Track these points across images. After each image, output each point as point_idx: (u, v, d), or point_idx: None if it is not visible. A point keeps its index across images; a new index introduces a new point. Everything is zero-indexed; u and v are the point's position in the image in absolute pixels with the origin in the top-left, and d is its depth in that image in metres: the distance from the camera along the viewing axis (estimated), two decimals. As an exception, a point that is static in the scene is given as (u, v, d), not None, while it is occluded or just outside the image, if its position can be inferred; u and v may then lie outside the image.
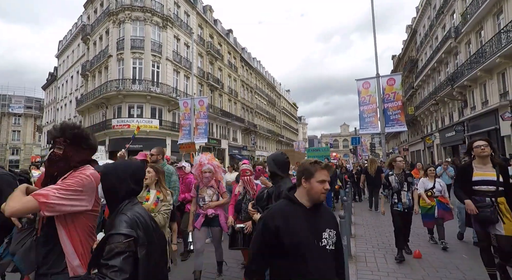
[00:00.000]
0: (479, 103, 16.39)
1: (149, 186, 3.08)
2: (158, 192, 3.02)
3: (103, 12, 23.91)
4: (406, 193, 4.57)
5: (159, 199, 2.96)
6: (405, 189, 4.59)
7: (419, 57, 29.03)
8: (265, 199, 2.75)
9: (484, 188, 3.20)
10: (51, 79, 38.31)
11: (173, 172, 4.45)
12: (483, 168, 3.29)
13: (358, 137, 24.37)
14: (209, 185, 3.77)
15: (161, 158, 4.48)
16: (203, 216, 3.68)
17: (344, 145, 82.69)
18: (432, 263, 4.41)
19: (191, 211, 3.91)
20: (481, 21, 15.70)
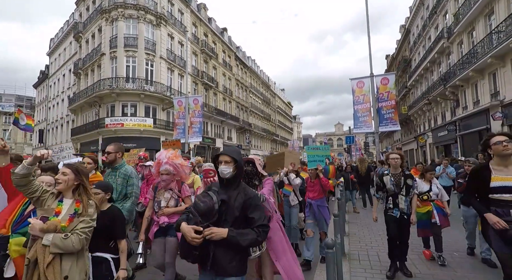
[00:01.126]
0: (471, 103, 16.63)
1: (63, 193, 2.13)
2: (78, 203, 2.10)
3: (95, 9, 23.57)
4: (404, 198, 3.79)
5: (77, 212, 2.05)
6: (403, 192, 3.80)
7: (412, 57, 29.32)
8: (216, 212, 1.81)
9: (507, 197, 2.46)
10: (42, 78, 37.63)
11: (131, 174, 3.61)
12: (504, 170, 2.54)
13: (352, 137, 24.50)
14: (168, 188, 3.22)
15: (120, 157, 3.72)
16: (156, 224, 3.14)
17: (338, 144, 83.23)
18: (423, 260, 4.45)
19: (145, 216, 3.32)
20: (473, 21, 15.91)
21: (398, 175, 3.90)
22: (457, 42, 18.26)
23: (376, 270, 4.12)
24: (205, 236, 1.71)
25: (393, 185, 3.84)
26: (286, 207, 4.77)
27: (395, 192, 3.82)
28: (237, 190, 1.96)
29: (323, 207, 4.61)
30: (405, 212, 3.78)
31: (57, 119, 30.83)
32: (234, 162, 1.98)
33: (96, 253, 2.30)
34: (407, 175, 3.90)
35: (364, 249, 5.11)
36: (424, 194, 4.51)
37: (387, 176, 3.92)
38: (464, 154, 17.05)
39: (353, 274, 3.99)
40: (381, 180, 3.97)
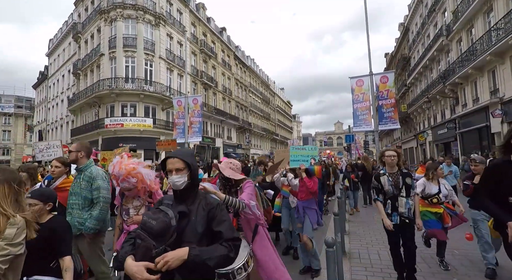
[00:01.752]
0: (470, 100, 16.63)
1: None
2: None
3: (94, 10, 23.52)
4: (405, 200, 3.36)
5: None
6: (403, 194, 3.37)
7: (411, 55, 29.30)
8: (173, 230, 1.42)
9: None
10: (42, 78, 37.61)
11: (96, 176, 3.05)
12: None
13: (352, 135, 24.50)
14: (136, 195, 2.87)
15: (83, 156, 3.14)
16: (125, 233, 2.78)
17: (338, 143, 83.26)
18: (424, 258, 4.46)
19: (116, 224, 3.00)
20: (471, 19, 15.89)
21: (395, 174, 3.47)
22: (456, 39, 18.24)
23: (377, 269, 4.13)
24: (160, 268, 1.28)
25: (391, 186, 3.40)
26: (286, 209, 4.62)
27: (394, 193, 3.40)
28: (197, 201, 1.60)
29: (310, 210, 4.16)
30: (406, 216, 3.34)
31: (56, 120, 30.82)
32: (188, 168, 1.60)
33: (33, 277, 1.91)
34: (405, 173, 3.50)
35: (364, 247, 5.12)
36: (434, 197, 4.02)
37: (384, 176, 3.48)
38: (464, 151, 17.07)
39: (353, 273, 4.01)
40: (378, 181, 3.54)
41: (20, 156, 39.12)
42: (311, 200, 4.19)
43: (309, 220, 4.06)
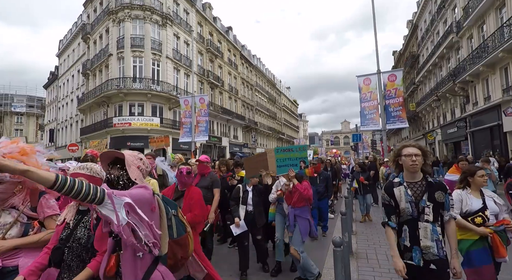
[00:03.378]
0: (482, 98, 16.28)
1: None
2: None
3: (102, 11, 23.84)
4: (431, 227, 2.05)
5: None
6: (428, 216, 2.06)
7: (420, 53, 28.81)
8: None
9: None
10: (52, 78, 38.35)
11: None
12: None
13: (359, 134, 24.31)
14: (7, 205, 1.79)
15: None
16: None
17: (345, 142, 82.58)
18: None
19: None
20: (483, 15, 15.53)
21: (418, 185, 2.12)
22: (467, 36, 17.86)
23: (385, 269, 4.09)
24: None
25: (410, 203, 2.09)
26: (280, 216, 4.09)
27: (414, 215, 2.08)
28: None
29: (301, 219, 3.68)
30: (433, 256, 2.01)
31: (66, 119, 31.40)
32: None
33: None
34: (434, 184, 2.09)
35: (372, 248, 5.08)
36: (476, 215, 2.63)
37: (400, 188, 2.16)
38: (474, 151, 16.73)
39: (361, 273, 3.98)
40: (390, 194, 2.19)
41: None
42: (304, 207, 3.72)
43: (299, 231, 3.62)
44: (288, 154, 3.98)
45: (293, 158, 3.94)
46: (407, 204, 2.11)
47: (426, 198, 2.08)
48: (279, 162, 4.01)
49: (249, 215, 4.06)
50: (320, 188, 5.94)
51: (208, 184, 4.15)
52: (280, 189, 3.99)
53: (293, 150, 3.98)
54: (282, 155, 4.02)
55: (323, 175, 6.12)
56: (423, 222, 2.07)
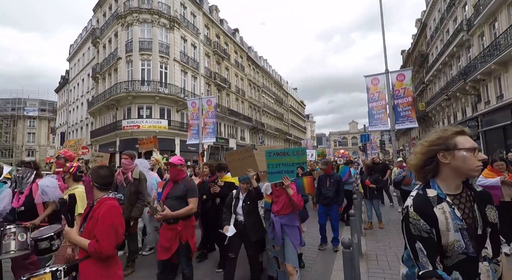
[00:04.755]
0: (494, 97, 15.91)
1: None
2: None
3: (111, 15, 24.31)
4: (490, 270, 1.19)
5: None
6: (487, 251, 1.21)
7: (429, 52, 28.36)
8: None
9: None
10: (63, 82, 39.25)
11: None
12: None
13: (368, 135, 24.01)
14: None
15: None
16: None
17: (353, 143, 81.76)
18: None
19: None
20: (495, 12, 15.20)
21: (464, 198, 1.28)
22: (478, 34, 17.50)
23: (395, 271, 4.03)
24: None
25: (462, 231, 1.19)
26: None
27: (470, 253, 1.18)
28: None
29: (291, 228, 3.18)
30: None
31: (77, 122, 32.05)
32: None
33: None
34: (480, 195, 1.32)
35: (382, 249, 5.01)
36: None
37: (443, 205, 1.22)
38: (487, 151, 16.34)
39: (371, 275, 3.93)
40: (429, 219, 1.20)
41: (43, 157, 40.91)
42: (291, 215, 3.22)
43: (292, 244, 3.10)
44: (283, 158, 3.25)
45: (288, 163, 3.23)
46: (457, 233, 1.18)
47: (480, 219, 1.24)
48: (270, 167, 3.27)
49: (240, 226, 3.37)
50: (329, 192, 5.14)
51: (182, 193, 3.27)
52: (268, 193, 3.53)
53: (289, 154, 3.26)
54: (275, 159, 3.26)
55: (333, 177, 5.26)
56: (484, 261, 1.21)
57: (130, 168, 4.06)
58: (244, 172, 3.64)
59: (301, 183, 3.29)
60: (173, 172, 3.38)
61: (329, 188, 5.18)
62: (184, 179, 3.41)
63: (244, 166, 3.71)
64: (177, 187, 3.34)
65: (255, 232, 3.36)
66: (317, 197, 5.40)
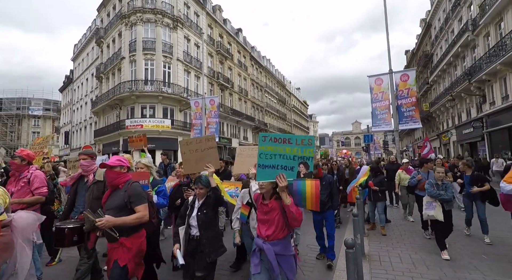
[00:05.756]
0: (499, 98, 15.75)
1: None
2: None
3: (115, 15, 24.44)
4: None
5: None
6: None
7: (434, 52, 28.15)
8: None
9: None
10: (67, 82, 39.54)
11: None
12: None
13: (371, 135, 23.92)
14: None
15: None
16: None
17: (356, 143, 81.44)
18: (449, 263, 4.28)
19: None
20: (501, 12, 15.05)
21: None
22: (483, 34, 17.33)
23: (399, 272, 4.00)
24: None
25: None
26: (249, 240, 3.21)
27: None
28: None
29: (287, 258, 2.33)
30: None
31: (81, 122, 32.28)
32: None
33: None
34: None
35: (385, 250, 4.98)
36: None
37: None
38: (492, 152, 16.19)
39: (373, 275, 3.90)
40: None
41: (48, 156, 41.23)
42: (286, 237, 2.34)
43: (286, 276, 2.32)
44: (281, 147, 2.37)
45: (289, 156, 2.35)
46: None
47: None
48: (263, 158, 2.38)
49: (193, 242, 2.69)
50: (322, 197, 4.41)
51: (122, 201, 2.54)
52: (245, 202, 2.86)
53: (291, 142, 2.38)
54: (271, 147, 2.37)
55: (325, 180, 4.62)
56: None
57: (91, 169, 3.45)
58: (201, 168, 2.94)
59: (302, 188, 2.36)
60: (109, 175, 2.62)
61: (322, 192, 4.40)
62: (126, 182, 2.67)
63: (202, 159, 2.93)
64: (116, 194, 2.59)
65: (213, 250, 2.66)
66: None
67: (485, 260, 4.34)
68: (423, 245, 5.18)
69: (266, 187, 2.36)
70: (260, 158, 2.41)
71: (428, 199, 4.75)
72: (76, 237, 2.72)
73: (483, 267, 4.09)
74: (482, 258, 4.42)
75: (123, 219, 2.43)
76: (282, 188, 2.19)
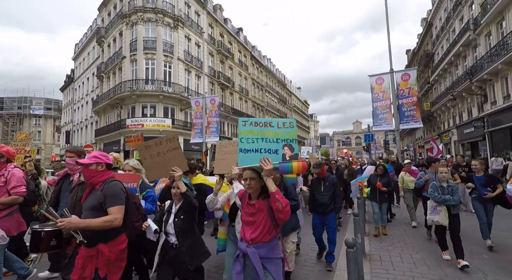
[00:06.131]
0: (500, 97, 15.71)
1: None
2: None
3: (116, 14, 24.45)
4: None
5: None
6: None
7: (435, 51, 28.09)
8: None
9: None
10: (68, 81, 39.59)
11: None
12: None
13: (372, 135, 23.87)
14: None
15: None
16: None
17: (356, 142, 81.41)
18: (450, 262, 4.28)
19: None
20: (502, 11, 15.01)
21: None
22: (485, 33, 17.28)
23: (399, 272, 4.00)
24: None
25: None
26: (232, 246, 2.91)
27: None
28: None
29: (273, 262, 2.11)
30: None
31: (82, 121, 32.33)
32: None
33: None
34: None
35: (385, 249, 4.97)
36: None
37: None
38: (493, 151, 16.16)
39: (374, 275, 3.90)
40: None
41: (49, 155, 41.38)
42: (273, 240, 2.11)
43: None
44: (263, 130, 2.30)
45: (272, 139, 2.28)
46: None
47: None
48: (244, 143, 2.27)
49: (172, 250, 2.55)
50: (324, 198, 4.29)
51: (97, 201, 2.28)
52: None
53: (272, 126, 2.34)
54: (252, 131, 2.29)
55: (328, 180, 4.41)
56: None
57: (77, 169, 3.09)
58: (166, 173, 2.64)
59: (289, 170, 2.23)
60: (84, 174, 2.38)
61: (324, 193, 4.33)
62: (105, 181, 2.38)
63: (166, 163, 2.63)
64: (93, 194, 2.36)
65: (194, 258, 2.53)
66: (310, 204, 4.54)
67: (486, 260, 4.34)
68: (424, 244, 5.18)
69: (253, 186, 2.14)
70: (242, 143, 2.30)
71: (433, 203, 4.38)
72: (54, 241, 2.25)
73: (484, 267, 4.09)
74: (483, 258, 4.41)
75: (88, 221, 2.14)
76: (267, 172, 2.04)
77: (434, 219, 4.29)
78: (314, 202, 4.43)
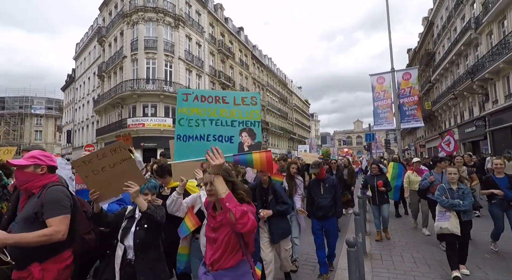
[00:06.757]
0: (502, 96, 15.67)
1: None
2: None
3: (117, 14, 24.46)
4: None
5: None
6: None
7: (436, 50, 28.03)
8: None
9: None
10: (69, 81, 39.66)
11: None
12: None
13: (373, 134, 23.86)
14: None
15: None
16: None
17: (357, 142, 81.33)
18: (451, 262, 4.27)
19: None
20: (504, 10, 14.95)
21: None
22: (486, 32, 17.23)
23: (400, 271, 4.01)
24: None
25: None
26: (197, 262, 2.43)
27: None
28: None
29: None
30: None
31: (83, 120, 32.38)
32: None
33: None
34: None
35: (386, 249, 4.98)
36: None
37: None
38: (494, 150, 16.12)
39: (375, 274, 3.91)
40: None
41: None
42: (240, 266, 1.62)
43: None
44: (213, 108, 1.69)
45: (225, 122, 1.69)
46: None
47: None
48: (184, 126, 1.68)
49: (129, 268, 2.03)
50: (324, 201, 3.97)
51: (32, 211, 1.84)
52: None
53: (227, 102, 1.71)
54: (197, 109, 1.68)
55: (328, 182, 4.09)
56: None
57: None
58: (120, 190, 2.11)
59: (247, 160, 1.60)
60: (19, 178, 1.95)
61: (324, 196, 4.01)
62: (44, 187, 1.93)
63: (116, 178, 2.08)
64: (31, 202, 1.92)
65: (150, 276, 2.02)
66: (309, 208, 4.16)
67: (488, 259, 4.34)
68: (424, 244, 5.18)
69: (216, 192, 1.53)
70: (180, 126, 1.66)
71: (441, 208, 3.91)
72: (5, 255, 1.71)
73: (485, 266, 4.09)
74: (484, 257, 4.41)
75: (20, 236, 1.68)
76: (215, 169, 1.50)
77: (442, 226, 3.78)
78: (313, 206, 4.07)
